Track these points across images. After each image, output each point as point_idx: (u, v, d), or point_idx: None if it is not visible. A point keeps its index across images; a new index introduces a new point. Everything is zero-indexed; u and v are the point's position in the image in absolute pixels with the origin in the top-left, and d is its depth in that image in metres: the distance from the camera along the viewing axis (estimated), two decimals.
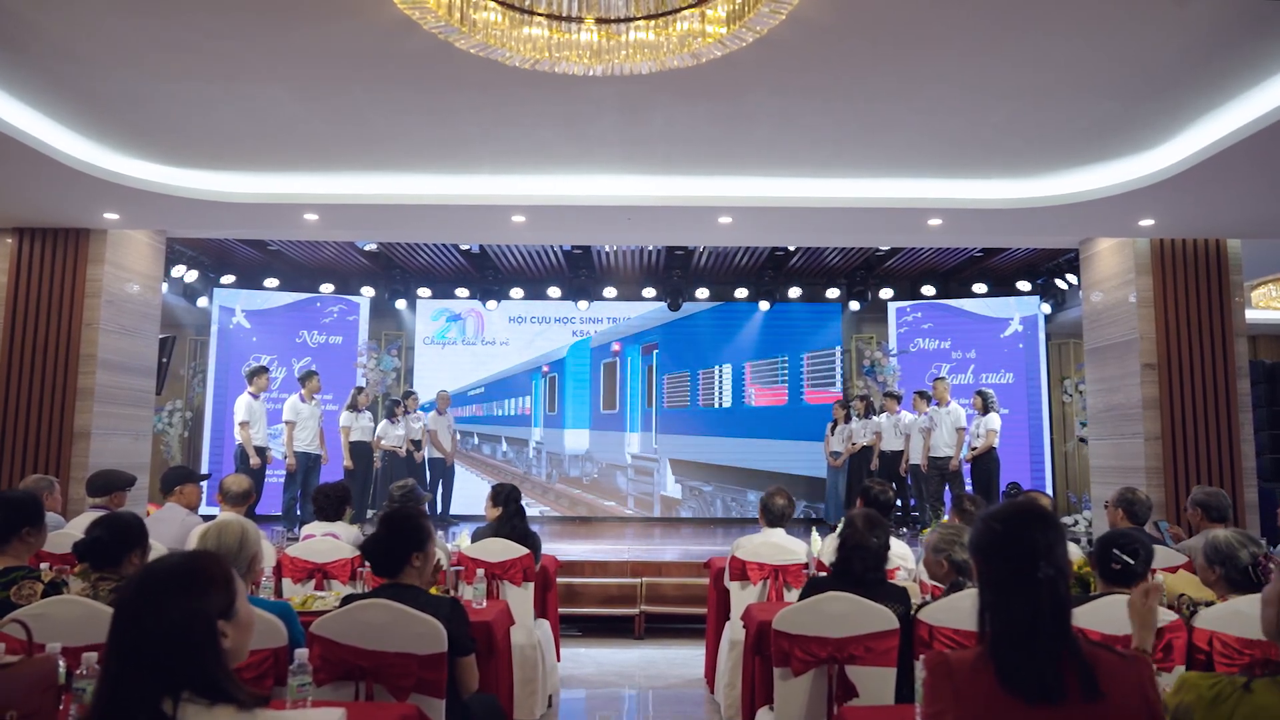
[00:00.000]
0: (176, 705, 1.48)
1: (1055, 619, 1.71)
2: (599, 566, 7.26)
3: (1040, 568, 1.72)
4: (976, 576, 1.86)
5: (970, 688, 1.70)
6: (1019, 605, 1.72)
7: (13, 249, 7.31)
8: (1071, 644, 1.71)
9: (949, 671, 1.72)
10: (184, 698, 1.49)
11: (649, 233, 8.02)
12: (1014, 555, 1.75)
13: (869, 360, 11.52)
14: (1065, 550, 1.79)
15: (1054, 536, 1.77)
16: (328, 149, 6.06)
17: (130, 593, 1.59)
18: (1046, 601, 1.71)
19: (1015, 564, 1.75)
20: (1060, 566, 1.75)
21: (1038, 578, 1.72)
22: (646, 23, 3.60)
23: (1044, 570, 1.72)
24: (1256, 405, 9.50)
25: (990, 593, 1.78)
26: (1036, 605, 1.71)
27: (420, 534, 2.96)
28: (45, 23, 4.29)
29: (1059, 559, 1.76)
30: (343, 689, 2.72)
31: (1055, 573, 1.74)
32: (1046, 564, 1.73)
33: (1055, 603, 1.72)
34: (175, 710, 1.48)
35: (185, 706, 1.49)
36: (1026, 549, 1.74)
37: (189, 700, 1.50)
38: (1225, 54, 4.51)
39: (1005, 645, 1.71)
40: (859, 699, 2.93)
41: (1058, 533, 1.78)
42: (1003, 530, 1.79)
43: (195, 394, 11.16)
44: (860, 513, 3.35)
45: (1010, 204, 6.71)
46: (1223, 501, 4.55)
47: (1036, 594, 1.71)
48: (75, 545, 2.99)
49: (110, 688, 1.51)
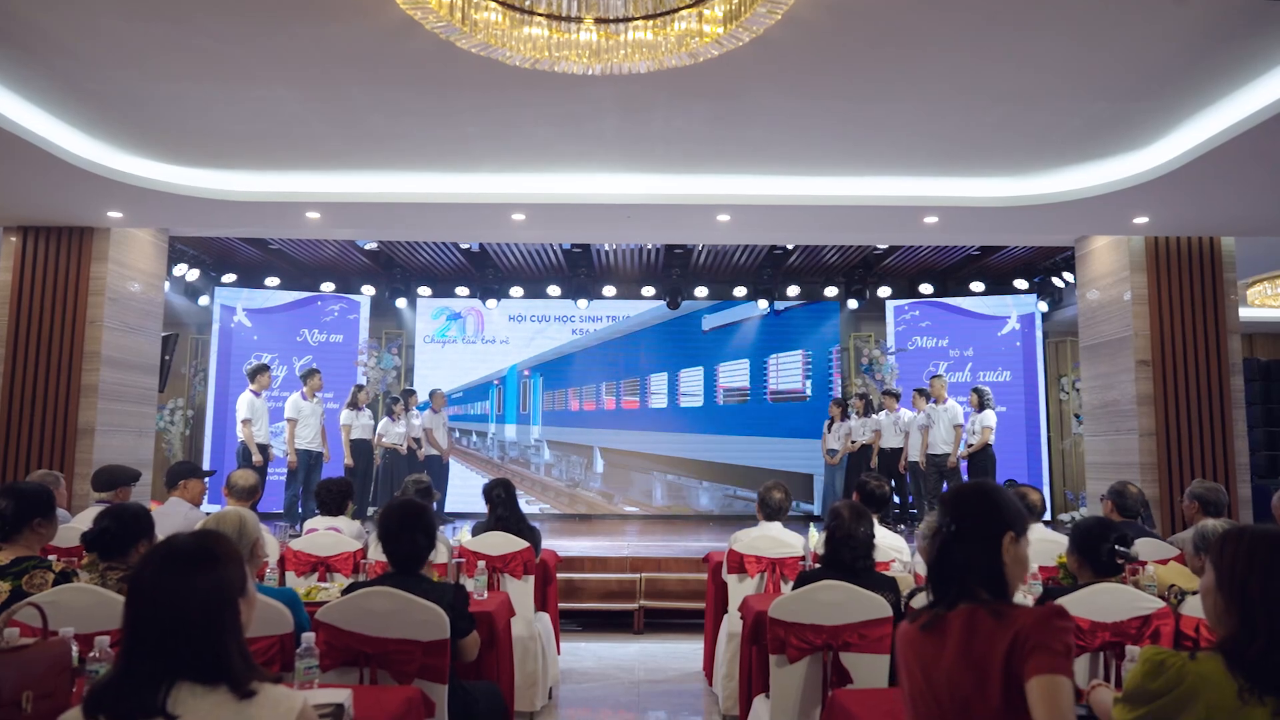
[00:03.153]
0: (170, 691, 1.50)
1: (959, 574, 1.90)
2: (598, 562, 7.31)
3: (941, 532, 1.96)
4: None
5: (902, 641, 1.94)
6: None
7: (17, 247, 7.37)
8: (982, 600, 1.86)
9: (900, 634, 1.96)
10: (182, 683, 1.51)
11: (648, 231, 8.08)
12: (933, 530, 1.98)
13: (867, 359, 11.58)
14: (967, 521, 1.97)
15: (950, 512, 1.97)
16: (329, 148, 6.11)
17: (150, 571, 1.59)
18: (949, 559, 1.95)
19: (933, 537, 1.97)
20: (962, 530, 1.95)
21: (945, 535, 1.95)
22: (645, 22, 3.66)
23: (944, 532, 1.95)
24: (1251, 402, 9.58)
25: None
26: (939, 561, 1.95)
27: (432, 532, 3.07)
28: (50, 24, 4.35)
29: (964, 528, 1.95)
30: (347, 674, 2.78)
31: (950, 535, 1.92)
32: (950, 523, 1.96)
33: (956, 560, 1.93)
34: (166, 696, 1.49)
35: (180, 688, 1.51)
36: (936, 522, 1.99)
37: (188, 684, 1.52)
38: (1218, 52, 4.56)
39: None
40: (853, 685, 2.99)
41: (951, 508, 1.96)
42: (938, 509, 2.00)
43: (197, 392, 11.22)
44: (844, 504, 3.40)
45: (1005, 202, 6.77)
46: (1220, 497, 4.54)
47: (942, 553, 1.95)
48: (84, 535, 3.05)
49: (126, 665, 1.53)
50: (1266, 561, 1.66)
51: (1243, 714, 1.59)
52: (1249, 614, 1.64)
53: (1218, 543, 1.75)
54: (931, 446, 9.30)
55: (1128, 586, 3.16)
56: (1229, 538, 1.73)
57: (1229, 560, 1.70)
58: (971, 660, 1.76)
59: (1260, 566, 1.65)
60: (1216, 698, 1.60)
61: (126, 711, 1.49)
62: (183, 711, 1.50)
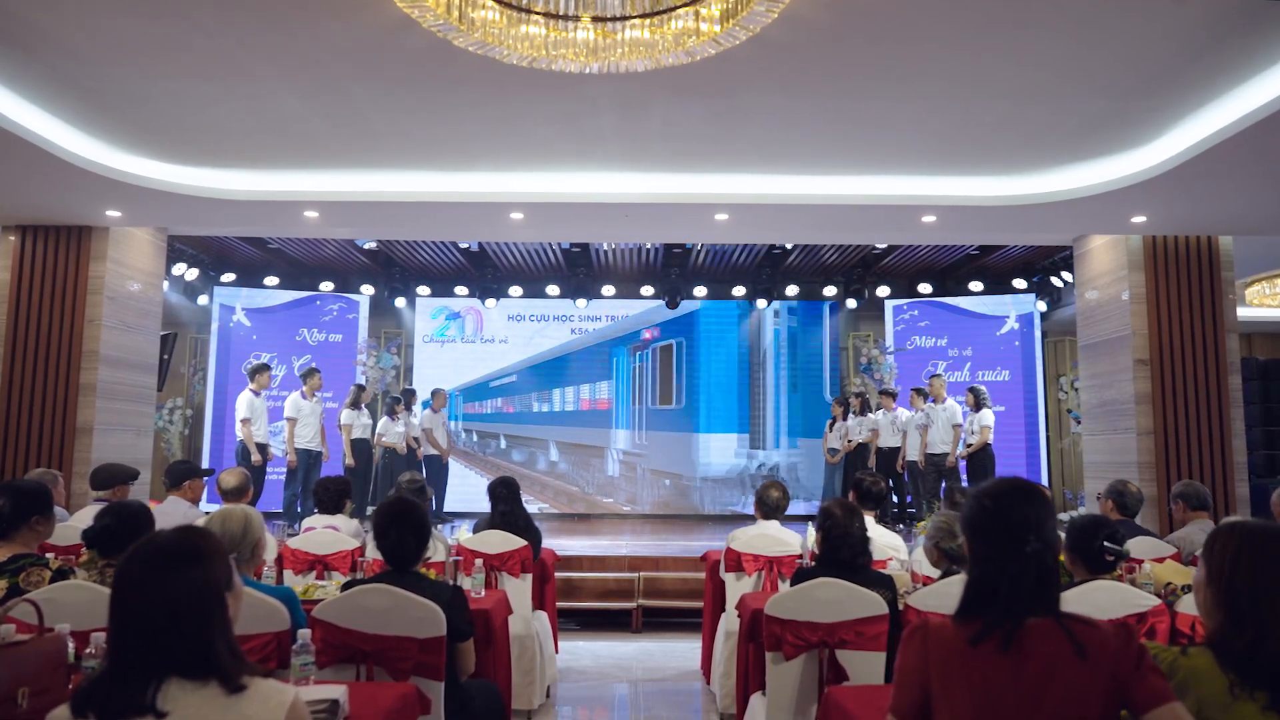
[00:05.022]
0: (159, 688, 1.49)
1: (1037, 588, 1.73)
2: (597, 561, 7.32)
3: (1029, 541, 1.75)
4: (968, 553, 1.86)
5: (940, 650, 1.72)
6: (1002, 575, 1.74)
7: (16, 246, 7.37)
8: (1054, 609, 1.73)
9: (925, 636, 1.75)
10: (172, 679, 1.51)
11: (647, 230, 8.09)
12: (1003, 529, 1.77)
13: (866, 358, 11.59)
14: (1054, 525, 1.81)
15: (1043, 512, 1.79)
16: (328, 146, 6.12)
17: (136, 567, 1.58)
18: (1032, 573, 1.73)
19: (1005, 538, 1.76)
20: (1049, 540, 1.77)
21: (1026, 552, 1.74)
22: (642, 21, 3.66)
23: (1032, 545, 1.75)
24: (1249, 401, 9.58)
25: (979, 567, 1.80)
26: (1021, 575, 1.73)
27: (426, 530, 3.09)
28: (50, 23, 4.35)
29: (1048, 534, 1.78)
30: (343, 671, 2.78)
31: (1043, 547, 1.75)
32: (1035, 538, 1.75)
33: (1041, 574, 1.74)
34: (156, 692, 1.49)
35: (170, 685, 1.51)
36: (1016, 523, 1.76)
37: (177, 680, 1.51)
38: (1217, 50, 4.57)
39: (979, 605, 1.74)
40: (849, 682, 3.00)
41: (1047, 508, 1.80)
42: (993, 506, 1.81)
43: (195, 391, 11.22)
44: (836, 502, 3.41)
45: (1004, 201, 6.77)
46: (1200, 490, 4.75)
47: (1024, 566, 1.74)
48: (85, 532, 3.05)
49: (114, 663, 1.53)
50: (1254, 556, 1.66)
51: (1234, 708, 1.60)
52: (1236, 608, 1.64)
53: (1210, 538, 1.75)
54: (930, 446, 9.30)
55: (1123, 584, 3.16)
56: (1220, 533, 1.74)
57: (1219, 555, 1.70)
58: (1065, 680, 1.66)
59: (1247, 561, 1.66)
60: (1208, 692, 1.61)
61: (116, 709, 1.49)
62: (173, 708, 1.50)
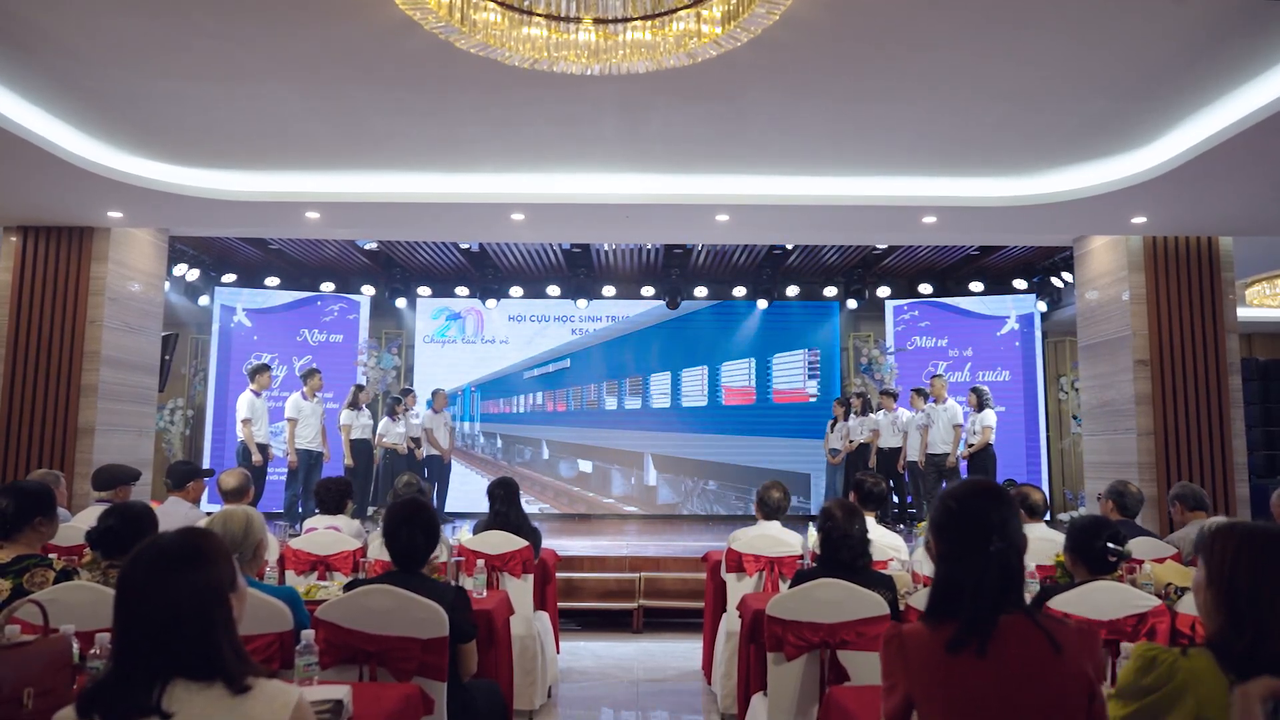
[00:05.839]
0: (164, 689, 1.50)
1: (1002, 586, 1.79)
2: (597, 561, 7.33)
3: (993, 541, 1.80)
4: (935, 553, 1.91)
5: (919, 656, 1.77)
6: (967, 575, 1.79)
7: (17, 247, 7.38)
8: (1022, 607, 1.78)
9: (901, 644, 1.80)
10: (177, 680, 1.51)
11: (647, 231, 8.10)
12: (968, 530, 1.83)
13: (866, 358, 11.60)
14: (1019, 525, 1.87)
15: (1008, 512, 1.85)
16: (329, 148, 6.13)
17: (139, 570, 1.58)
18: (995, 572, 1.79)
19: (969, 538, 1.82)
20: (1013, 540, 1.83)
21: (990, 551, 1.80)
22: (643, 23, 3.67)
23: (995, 544, 1.80)
24: (1249, 402, 9.59)
25: (944, 566, 1.85)
26: (984, 575, 1.78)
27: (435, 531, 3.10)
28: (50, 23, 4.36)
29: (1012, 533, 1.84)
30: (346, 672, 2.79)
31: (1007, 546, 1.81)
32: (999, 538, 1.81)
33: (1005, 573, 1.80)
34: (161, 694, 1.49)
35: (175, 686, 1.51)
36: (980, 524, 1.82)
37: (182, 681, 1.52)
38: (1217, 51, 4.57)
39: (946, 604, 1.79)
40: (850, 682, 3.00)
41: (1011, 509, 1.87)
42: (957, 507, 1.87)
43: (196, 392, 11.23)
44: (836, 503, 3.43)
45: (1004, 201, 6.78)
46: (1196, 491, 4.80)
47: (988, 566, 1.79)
48: (88, 533, 3.06)
49: (118, 665, 1.53)
50: (1254, 557, 1.67)
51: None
52: (1236, 609, 1.65)
53: (1209, 539, 1.75)
54: (931, 446, 9.31)
55: (1124, 584, 3.17)
56: (1219, 534, 1.74)
57: (1218, 556, 1.71)
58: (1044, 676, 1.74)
59: (1247, 562, 1.66)
60: (1208, 693, 1.61)
61: (121, 711, 1.49)
62: (178, 709, 1.50)
